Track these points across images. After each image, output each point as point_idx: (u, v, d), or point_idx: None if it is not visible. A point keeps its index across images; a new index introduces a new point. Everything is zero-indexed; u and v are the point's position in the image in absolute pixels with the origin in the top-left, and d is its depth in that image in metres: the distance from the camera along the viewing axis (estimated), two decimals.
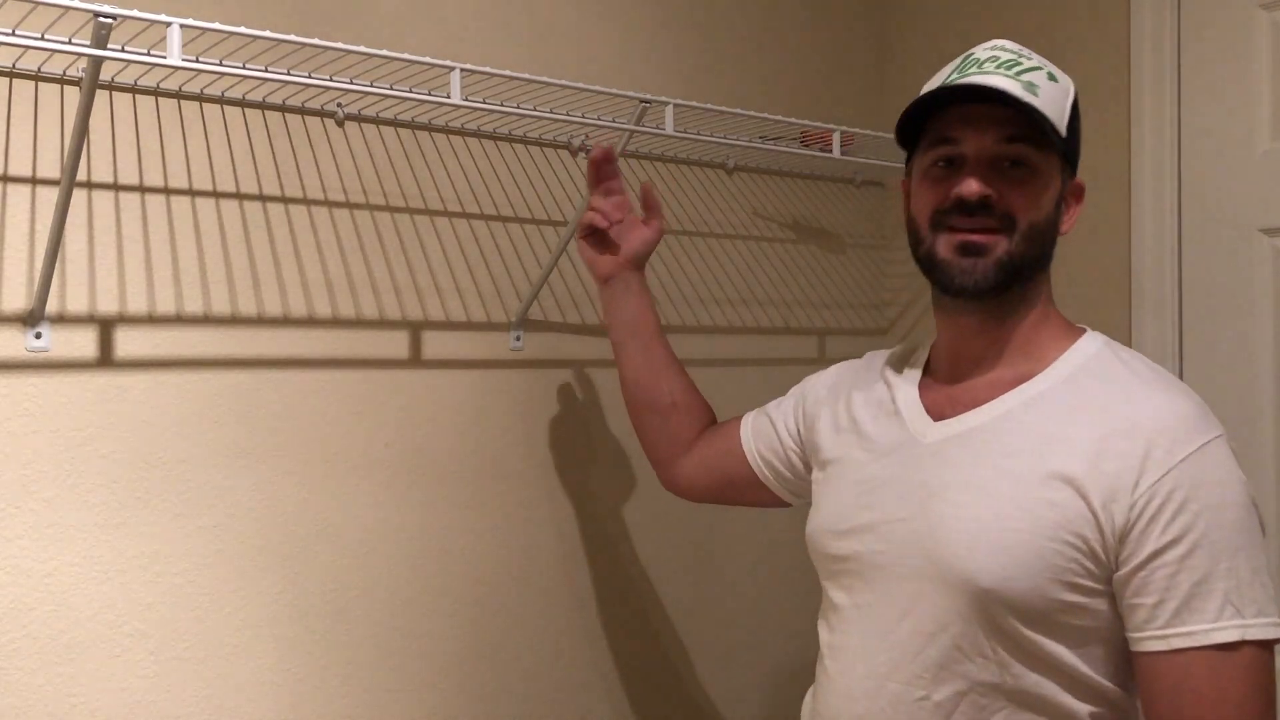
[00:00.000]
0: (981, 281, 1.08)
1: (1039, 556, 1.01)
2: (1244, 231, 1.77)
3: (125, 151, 1.46)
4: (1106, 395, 1.06)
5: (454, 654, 1.72)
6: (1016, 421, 1.08)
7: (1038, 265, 1.12)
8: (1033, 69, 1.09)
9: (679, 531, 1.98)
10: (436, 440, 1.70)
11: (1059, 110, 1.09)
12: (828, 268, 2.20)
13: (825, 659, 1.18)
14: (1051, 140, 1.07)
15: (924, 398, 1.18)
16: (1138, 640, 1.01)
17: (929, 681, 1.06)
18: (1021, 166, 1.08)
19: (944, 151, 1.10)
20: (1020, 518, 1.02)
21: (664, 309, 1.96)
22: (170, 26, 1.20)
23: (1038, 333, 1.13)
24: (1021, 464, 1.05)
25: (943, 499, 1.08)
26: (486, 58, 1.72)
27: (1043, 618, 1.02)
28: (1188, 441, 1.01)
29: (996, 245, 1.08)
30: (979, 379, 1.14)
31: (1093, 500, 1.01)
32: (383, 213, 1.66)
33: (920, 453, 1.13)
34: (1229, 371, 1.77)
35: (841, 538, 1.16)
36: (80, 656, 1.41)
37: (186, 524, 1.49)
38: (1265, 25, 1.76)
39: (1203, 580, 0.98)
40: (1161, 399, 1.04)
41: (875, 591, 1.11)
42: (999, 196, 1.07)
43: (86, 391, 1.42)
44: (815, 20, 2.19)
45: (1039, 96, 1.06)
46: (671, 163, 1.98)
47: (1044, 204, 1.10)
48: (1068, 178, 1.13)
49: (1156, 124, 1.86)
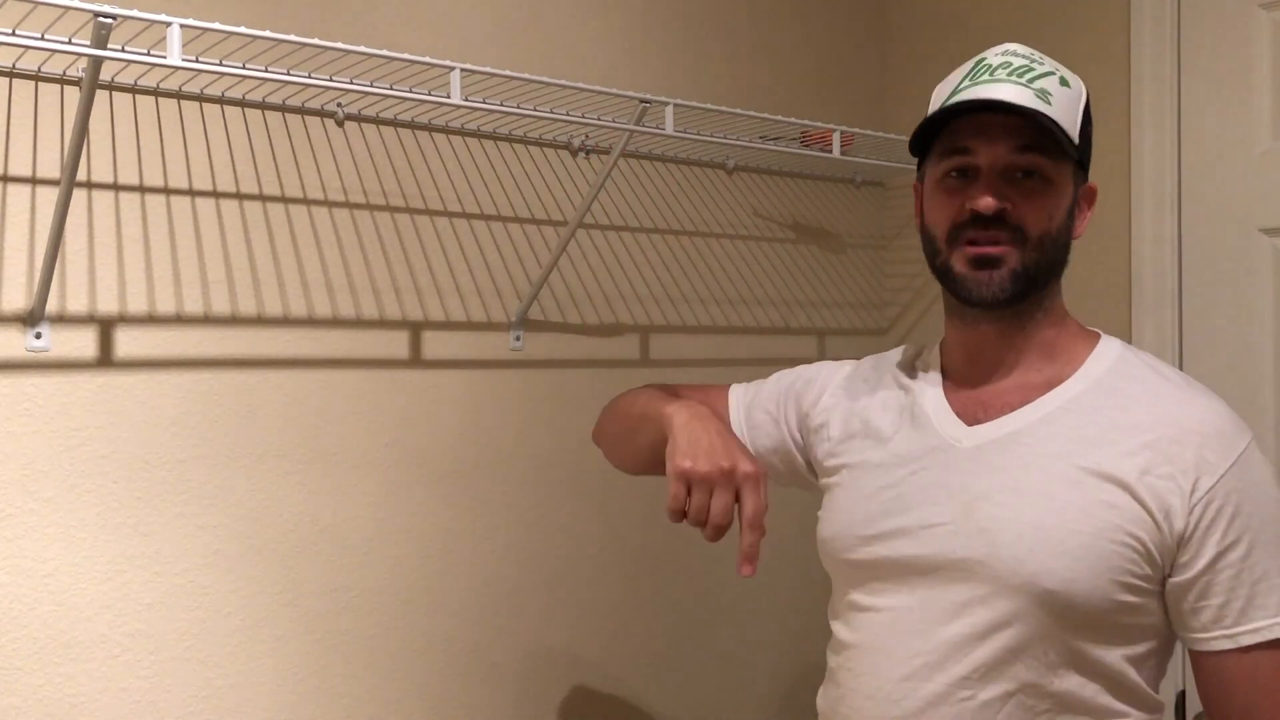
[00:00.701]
0: (999, 293, 1.09)
1: (1100, 558, 1.02)
2: (1244, 231, 1.77)
3: (125, 151, 1.46)
4: (1145, 397, 1.08)
5: (454, 654, 1.72)
6: (1058, 425, 1.09)
7: (1052, 272, 1.13)
8: (1045, 75, 1.09)
9: (679, 531, 1.98)
10: (436, 440, 1.71)
11: (1071, 117, 1.09)
12: (828, 268, 2.20)
13: (847, 659, 1.18)
14: (1065, 149, 1.08)
15: (950, 402, 1.17)
16: (1204, 640, 1.04)
17: (976, 681, 1.06)
18: (1034, 176, 1.08)
19: (957, 162, 1.10)
20: (1081, 520, 1.03)
21: (665, 309, 1.96)
22: (170, 26, 1.20)
23: (1058, 336, 1.14)
24: (1070, 467, 1.06)
25: (991, 502, 1.07)
26: (486, 58, 1.72)
27: (1099, 619, 1.03)
28: (1234, 446, 1.04)
29: (1009, 257, 1.09)
30: (1004, 382, 1.14)
31: (1149, 503, 1.03)
32: (383, 213, 1.67)
33: (956, 457, 1.12)
34: (1229, 371, 1.77)
35: (868, 543, 1.15)
36: (80, 656, 1.41)
37: (186, 524, 1.49)
38: (1265, 25, 1.76)
39: (1262, 578, 1.02)
40: (1202, 404, 1.08)
41: (914, 595, 1.10)
42: (1013, 208, 1.08)
43: (86, 391, 1.42)
44: (815, 20, 2.19)
45: (1052, 105, 1.06)
46: (671, 163, 1.98)
47: (1056, 214, 1.10)
48: (1080, 182, 1.13)
49: (1156, 124, 1.86)
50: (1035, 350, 1.13)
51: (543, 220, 1.82)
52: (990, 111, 1.07)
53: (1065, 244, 1.13)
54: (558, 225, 1.83)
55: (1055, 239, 1.10)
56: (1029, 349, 1.13)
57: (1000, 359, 1.15)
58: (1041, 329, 1.13)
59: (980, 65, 1.11)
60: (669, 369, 1.96)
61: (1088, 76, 1.21)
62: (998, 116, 1.07)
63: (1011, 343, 1.14)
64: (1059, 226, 1.10)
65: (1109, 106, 1.92)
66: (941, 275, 1.14)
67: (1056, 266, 1.13)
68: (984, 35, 2.11)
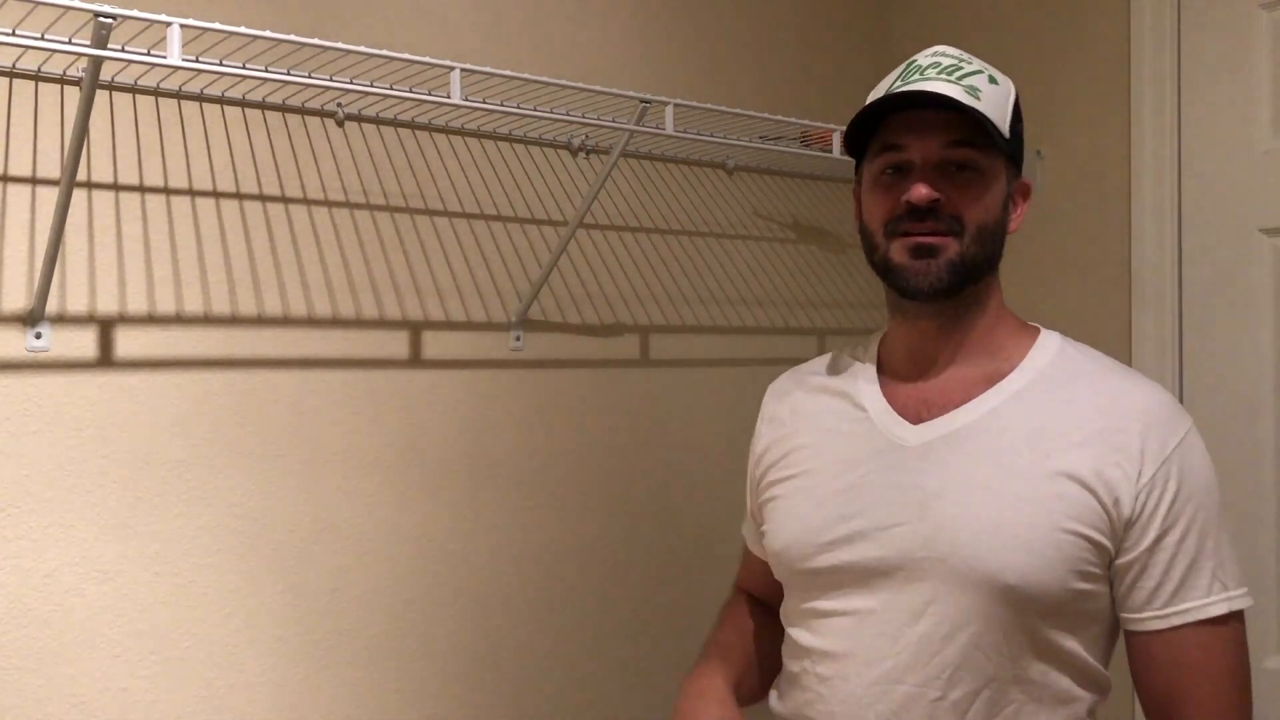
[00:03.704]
0: (936, 283, 1.10)
1: (1057, 549, 1.04)
2: (1244, 231, 1.77)
3: (125, 151, 1.46)
4: (1088, 389, 1.10)
5: (453, 654, 1.72)
6: (1006, 419, 1.10)
7: (988, 265, 1.14)
8: (974, 73, 1.12)
9: (679, 531, 1.98)
10: (436, 440, 1.71)
11: (1001, 112, 1.11)
12: (828, 268, 2.20)
13: (813, 664, 1.17)
14: (996, 142, 1.10)
15: (890, 400, 1.18)
16: (1139, 621, 1.07)
17: (945, 682, 1.07)
18: (967, 169, 1.11)
19: (892, 158, 1.12)
20: (1036, 513, 1.05)
21: (665, 309, 1.96)
22: (170, 26, 1.20)
23: (995, 331, 1.16)
24: (1022, 460, 1.07)
25: (946, 500, 1.08)
26: (486, 58, 1.72)
27: (1059, 608, 1.05)
28: (1175, 432, 1.07)
29: (947, 247, 1.10)
30: (944, 378, 1.15)
31: (1099, 492, 1.05)
32: (383, 213, 1.67)
33: (905, 456, 1.13)
34: (1229, 371, 1.77)
35: (823, 551, 1.14)
36: (81, 656, 1.41)
37: (186, 524, 1.49)
38: (1265, 25, 1.76)
39: (1195, 560, 1.05)
40: (1144, 392, 1.10)
41: (876, 598, 1.11)
42: (947, 200, 1.10)
43: (86, 391, 1.42)
44: (815, 20, 2.19)
45: (981, 100, 1.09)
46: (671, 163, 1.98)
47: (991, 205, 1.12)
48: (1013, 177, 1.15)
49: (1156, 124, 1.86)
50: (975, 345, 1.15)
51: (543, 220, 1.82)
52: (921, 108, 1.09)
53: (1001, 237, 1.14)
54: (558, 225, 1.83)
55: (993, 231, 1.12)
56: (968, 344, 1.15)
57: (939, 354, 1.16)
58: (979, 323, 1.15)
59: (911, 66, 1.14)
60: (669, 369, 1.96)
61: (1088, 77, 1.21)
62: (929, 113, 1.09)
63: (950, 337, 1.15)
64: (994, 219, 1.12)
65: (1109, 107, 1.92)
66: (881, 270, 1.15)
67: (993, 259, 1.14)
68: (984, 35, 2.11)
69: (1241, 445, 1.75)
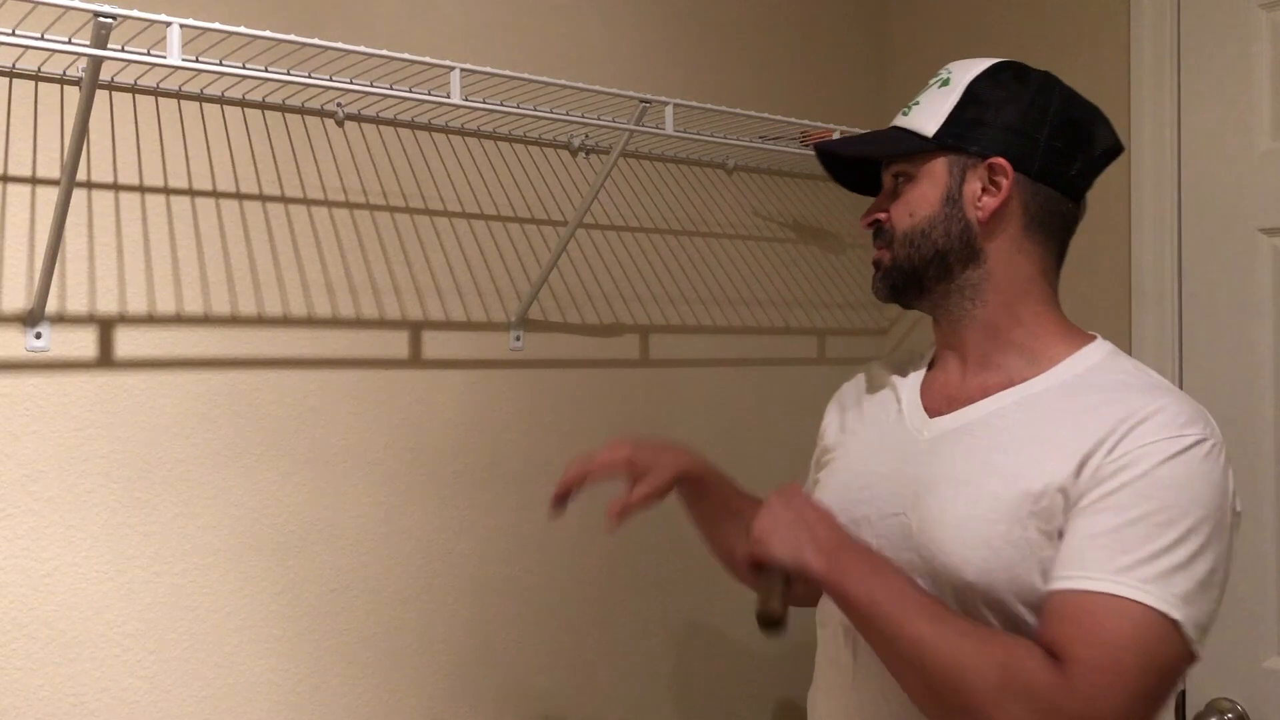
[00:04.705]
0: (878, 293, 1.21)
1: (1016, 548, 1.03)
2: (1244, 231, 1.77)
3: (125, 151, 1.46)
4: (1102, 400, 1.06)
5: (453, 654, 1.72)
6: (1009, 420, 1.10)
7: (940, 265, 1.15)
8: (929, 86, 1.19)
9: (679, 532, 1.97)
10: (436, 440, 1.71)
11: (932, 110, 1.16)
12: (828, 268, 2.20)
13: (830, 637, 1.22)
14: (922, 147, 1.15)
15: (924, 397, 1.21)
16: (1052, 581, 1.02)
17: None
18: (901, 179, 1.18)
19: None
20: (1001, 513, 1.04)
21: (665, 309, 1.96)
22: (170, 26, 1.20)
23: (1035, 336, 1.14)
24: (1008, 460, 1.07)
25: (933, 493, 1.10)
26: (486, 58, 1.72)
27: (1028, 599, 1.04)
28: (1168, 427, 1.01)
29: (883, 259, 1.19)
30: (975, 380, 1.16)
31: (1070, 493, 1.03)
32: (383, 213, 1.67)
33: (916, 449, 1.15)
34: (1229, 371, 1.77)
35: None
36: (81, 656, 1.41)
37: (186, 524, 1.49)
38: (1265, 25, 1.76)
39: (1104, 533, 0.98)
40: (1145, 398, 1.05)
41: None
42: (886, 216, 1.19)
43: (86, 391, 1.42)
44: (815, 20, 2.19)
45: (909, 114, 1.18)
46: (671, 163, 1.98)
47: (918, 207, 1.16)
48: (973, 165, 1.13)
49: (1156, 124, 1.86)
50: (1010, 349, 1.15)
51: (543, 220, 1.82)
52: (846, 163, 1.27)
53: (949, 232, 1.14)
54: (558, 225, 1.83)
55: (925, 231, 1.15)
56: (1003, 347, 1.15)
57: (967, 354, 1.18)
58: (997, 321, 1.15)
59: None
60: (669, 369, 1.96)
61: (1088, 77, 1.23)
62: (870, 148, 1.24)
63: (963, 336, 1.17)
64: (925, 218, 1.15)
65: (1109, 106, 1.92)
66: None
67: (945, 256, 1.14)
68: (984, 35, 2.11)
69: (1241, 445, 1.75)
